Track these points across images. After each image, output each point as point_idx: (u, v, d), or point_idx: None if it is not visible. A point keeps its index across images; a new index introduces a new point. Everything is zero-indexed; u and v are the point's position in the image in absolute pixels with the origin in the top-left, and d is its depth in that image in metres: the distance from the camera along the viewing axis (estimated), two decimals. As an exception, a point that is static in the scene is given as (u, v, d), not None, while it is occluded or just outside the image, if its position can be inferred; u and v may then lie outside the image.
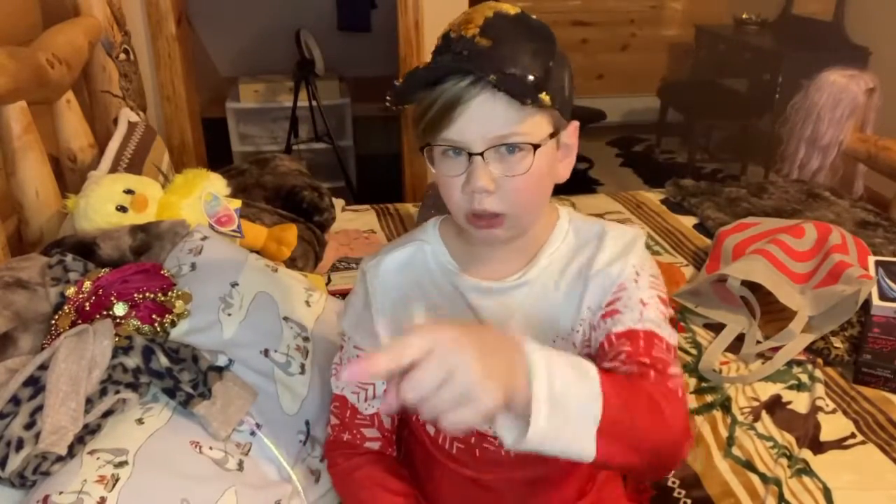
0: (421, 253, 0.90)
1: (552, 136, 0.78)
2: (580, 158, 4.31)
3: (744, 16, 4.24)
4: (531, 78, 0.72)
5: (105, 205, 1.29)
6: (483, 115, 0.73)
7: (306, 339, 1.14)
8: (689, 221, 2.14)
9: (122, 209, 1.29)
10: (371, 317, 0.89)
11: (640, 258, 0.85)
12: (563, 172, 0.85)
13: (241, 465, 0.95)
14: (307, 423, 1.06)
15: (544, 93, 0.72)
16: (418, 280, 0.89)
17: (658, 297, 0.83)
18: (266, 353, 1.08)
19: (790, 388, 1.40)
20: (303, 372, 1.09)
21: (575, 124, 0.84)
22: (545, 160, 0.78)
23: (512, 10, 0.76)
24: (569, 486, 0.99)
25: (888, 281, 1.42)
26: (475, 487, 0.95)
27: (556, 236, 0.88)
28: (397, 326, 0.88)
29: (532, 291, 0.85)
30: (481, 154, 0.74)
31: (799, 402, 1.36)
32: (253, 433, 0.99)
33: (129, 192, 1.32)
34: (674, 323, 1.59)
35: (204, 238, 1.22)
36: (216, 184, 1.45)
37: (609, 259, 0.84)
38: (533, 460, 0.93)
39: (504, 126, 0.74)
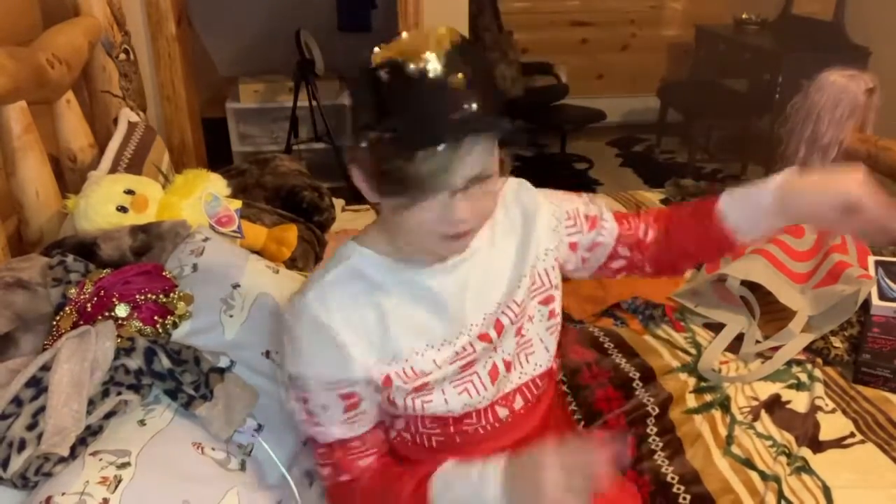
0: (352, 268, 0.88)
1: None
2: (580, 159, 4.32)
3: (744, 16, 4.25)
4: (504, 114, 0.76)
5: (105, 205, 1.29)
6: (469, 161, 0.75)
7: (307, 339, 1.14)
8: (688, 221, 2.14)
9: (122, 209, 1.30)
10: (348, 349, 0.85)
11: (536, 192, 0.98)
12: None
13: (243, 466, 0.95)
14: (308, 423, 1.07)
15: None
16: (364, 290, 0.87)
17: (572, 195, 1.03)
18: (267, 354, 1.08)
19: (789, 387, 1.40)
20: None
21: None
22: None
23: (454, 35, 0.75)
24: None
25: (888, 281, 1.42)
26: None
27: None
28: (372, 343, 0.86)
29: (475, 263, 0.91)
30: (462, 189, 0.77)
31: (798, 402, 1.37)
32: (253, 435, 0.99)
33: (129, 192, 1.32)
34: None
35: (205, 239, 1.22)
36: (216, 184, 1.45)
37: (524, 211, 0.96)
38: (512, 424, 0.97)
39: (483, 165, 0.77)
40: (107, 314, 1.02)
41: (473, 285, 0.91)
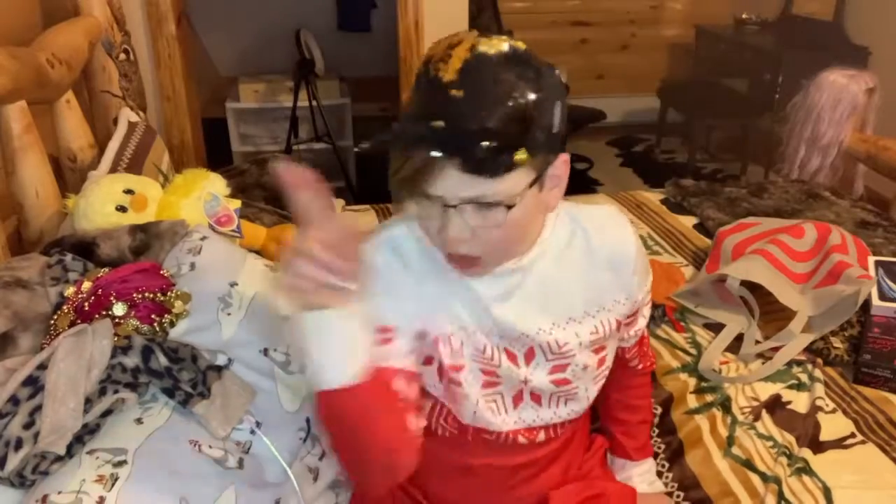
0: (409, 234, 0.87)
1: (533, 182, 0.76)
2: (580, 159, 4.32)
3: (744, 16, 4.25)
4: (503, 144, 0.70)
5: (105, 205, 1.29)
6: (455, 180, 0.72)
7: (306, 338, 1.14)
8: (689, 221, 2.13)
9: (121, 209, 1.30)
10: (388, 292, 0.84)
11: (634, 246, 0.95)
12: (552, 202, 0.83)
13: (241, 464, 0.95)
14: (308, 420, 1.07)
15: (521, 150, 0.71)
16: (405, 262, 0.87)
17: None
18: (265, 352, 1.08)
19: (790, 387, 1.40)
20: (303, 370, 1.09)
21: (564, 157, 0.80)
22: (523, 208, 0.76)
23: (495, 47, 0.71)
24: (555, 468, 1.01)
25: (888, 281, 1.42)
26: (462, 474, 0.96)
27: (546, 228, 0.89)
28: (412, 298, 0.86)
29: (530, 276, 0.87)
30: (455, 206, 0.74)
31: (799, 402, 1.36)
32: (252, 431, 0.99)
33: (128, 191, 1.32)
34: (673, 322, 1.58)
35: (203, 238, 1.22)
36: (216, 184, 1.45)
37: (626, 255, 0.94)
38: (526, 447, 0.96)
39: (476, 189, 0.72)
40: (104, 313, 1.02)
41: (520, 297, 0.87)
